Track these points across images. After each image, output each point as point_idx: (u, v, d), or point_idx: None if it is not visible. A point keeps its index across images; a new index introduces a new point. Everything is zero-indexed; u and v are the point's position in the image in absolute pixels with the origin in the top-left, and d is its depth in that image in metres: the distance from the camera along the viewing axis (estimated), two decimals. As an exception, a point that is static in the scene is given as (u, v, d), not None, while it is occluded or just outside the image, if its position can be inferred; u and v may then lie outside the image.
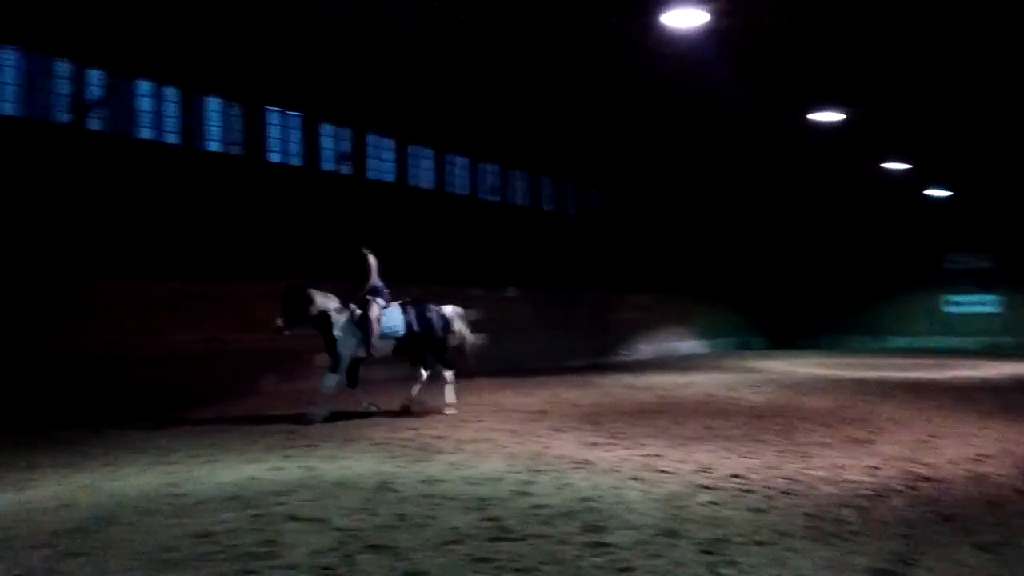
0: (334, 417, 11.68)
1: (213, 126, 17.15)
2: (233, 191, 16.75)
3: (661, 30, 16.14)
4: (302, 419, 11.34)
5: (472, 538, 5.70)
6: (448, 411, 12.37)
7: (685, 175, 30.50)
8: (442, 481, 7.56)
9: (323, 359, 16.67)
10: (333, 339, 11.78)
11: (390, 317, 12.11)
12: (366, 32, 17.33)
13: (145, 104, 15.98)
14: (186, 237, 15.63)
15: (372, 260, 12.24)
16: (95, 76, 15.18)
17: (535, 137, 24.38)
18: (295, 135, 18.74)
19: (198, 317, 14.85)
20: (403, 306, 12.44)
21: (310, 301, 11.70)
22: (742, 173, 31.46)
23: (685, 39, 16.73)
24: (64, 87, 14.75)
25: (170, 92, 16.33)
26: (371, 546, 5.50)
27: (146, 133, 15.87)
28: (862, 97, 21.68)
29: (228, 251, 16.24)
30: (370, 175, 20.38)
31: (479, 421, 11.56)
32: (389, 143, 20.98)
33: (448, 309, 12.98)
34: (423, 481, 7.54)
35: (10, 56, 14.12)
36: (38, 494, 7.03)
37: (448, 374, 12.81)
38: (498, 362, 20.98)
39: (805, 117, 22.36)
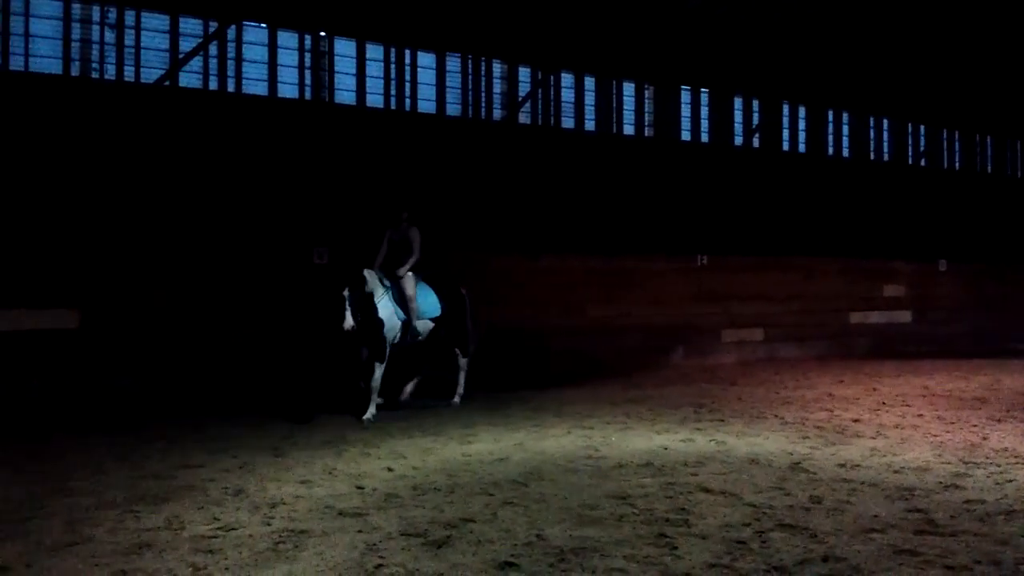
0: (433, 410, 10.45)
1: (627, 110, 17.92)
2: (646, 171, 17.37)
3: None
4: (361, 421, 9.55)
5: (895, 528, 5.35)
6: (456, 401, 10.84)
7: None
8: (861, 466, 7.16)
9: (732, 334, 16.77)
10: (379, 323, 9.84)
11: (426, 294, 10.48)
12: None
13: (567, 95, 17.21)
14: (603, 216, 16.57)
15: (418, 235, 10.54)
16: (524, 73, 16.69)
17: (970, 89, 21.73)
18: (705, 112, 18.86)
19: (614, 292, 15.63)
20: (432, 281, 10.71)
21: (365, 282, 9.76)
22: None
23: None
24: (498, 86, 16.43)
25: (589, 82, 17.39)
26: (784, 525, 5.41)
27: (568, 122, 17.10)
28: None
29: (641, 229, 16.90)
30: (784, 146, 19.81)
31: (904, 406, 10.72)
32: (803, 111, 20.19)
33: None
34: (840, 465, 7.22)
35: (454, 62, 16.06)
36: (477, 449, 7.95)
37: (464, 361, 11.15)
38: (927, 342, 19.27)
39: None
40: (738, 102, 19.24)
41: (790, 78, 19.37)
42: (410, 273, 10.28)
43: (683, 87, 18.45)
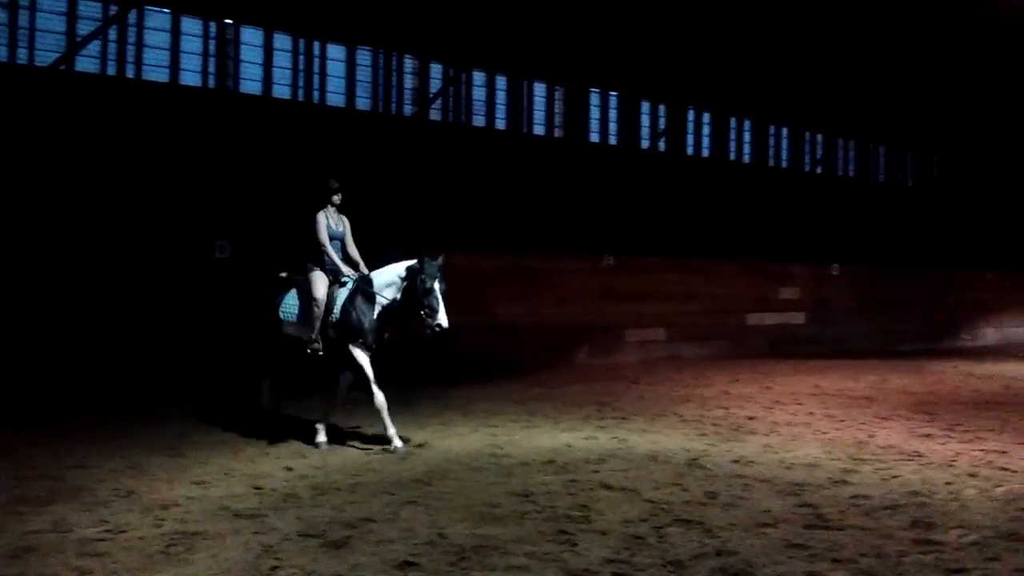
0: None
1: (538, 110, 18.04)
2: (556, 171, 17.52)
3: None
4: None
5: (786, 523, 5.54)
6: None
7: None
8: (754, 463, 7.40)
9: (635, 334, 17.07)
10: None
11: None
12: (680, 5, 17.20)
13: (478, 94, 17.22)
14: (513, 215, 16.64)
15: None
16: (436, 70, 16.63)
17: (866, 101, 22.70)
18: (613, 115, 19.15)
19: (522, 291, 15.70)
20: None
21: None
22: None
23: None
24: (409, 82, 16.32)
25: (500, 81, 17.44)
26: (681, 520, 5.55)
27: (479, 120, 17.12)
28: None
29: (550, 228, 17.04)
30: (688, 151, 20.29)
31: (797, 404, 11.11)
32: (707, 117, 20.71)
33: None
34: (735, 461, 7.44)
35: (365, 55, 15.87)
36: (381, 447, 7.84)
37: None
38: (820, 343, 20.02)
39: None
40: (645, 106, 19.60)
41: (696, 85, 19.84)
42: None
43: (592, 90, 18.69)
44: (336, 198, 8.48)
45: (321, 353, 8.03)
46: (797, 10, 17.87)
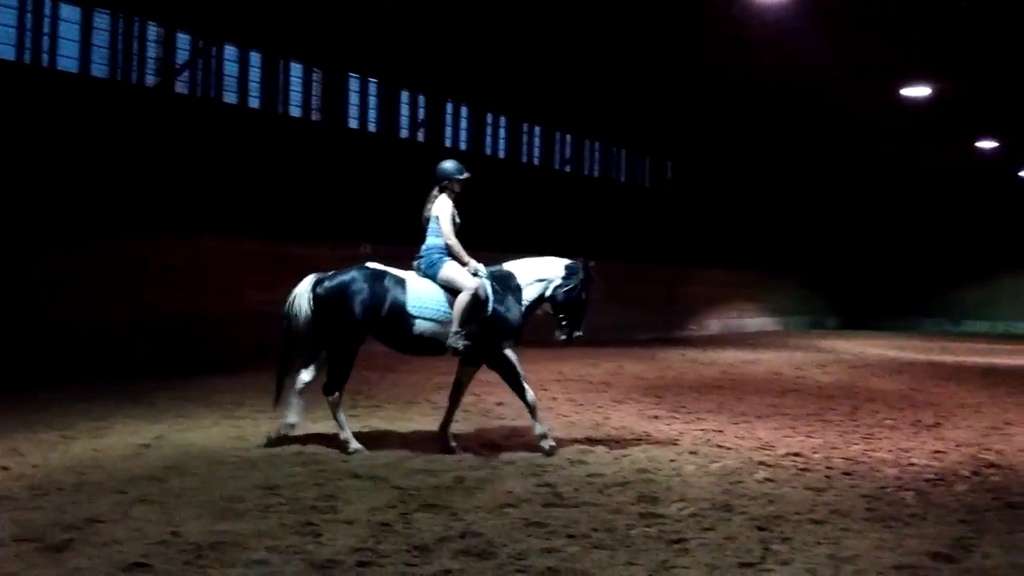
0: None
1: (295, 91, 17.49)
2: (312, 156, 17.07)
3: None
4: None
5: (527, 503, 5.80)
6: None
7: (765, 148, 29.91)
8: (500, 446, 7.68)
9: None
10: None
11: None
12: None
13: (230, 69, 16.38)
14: (266, 199, 16.03)
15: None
16: (183, 40, 15.61)
17: (611, 108, 24.17)
18: (373, 102, 18.97)
19: (275, 277, 15.19)
20: None
21: None
22: (824, 147, 30.68)
23: (770, 8, 16.38)
24: (153, 51, 15.21)
25: (254, 57, 16.70)
26: (428, 505, 5.64)
27: (231, 97, 16.29)
28: (956, 72, 20.86)
29: (306, 214, 16.61)
30: (446, 143, 20.54)
31: (541, 389, 11.63)
32: (465, 111, 21.08)
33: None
34: (482, 445, 7.68)
35: (102, 19, 14.60)
36: (111, 443, 7.33)
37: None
38: (565, 332, 21.04)
39: (896, 91, 21.74)
40: (405, 96, 19.61)
41: (455, 78, 20.12)
42: None
43: (352, 75, 18.41)
44: (459, 187, 8.53)
45: (461, 350, 7.42)
46: (555, 20, 18.63)
